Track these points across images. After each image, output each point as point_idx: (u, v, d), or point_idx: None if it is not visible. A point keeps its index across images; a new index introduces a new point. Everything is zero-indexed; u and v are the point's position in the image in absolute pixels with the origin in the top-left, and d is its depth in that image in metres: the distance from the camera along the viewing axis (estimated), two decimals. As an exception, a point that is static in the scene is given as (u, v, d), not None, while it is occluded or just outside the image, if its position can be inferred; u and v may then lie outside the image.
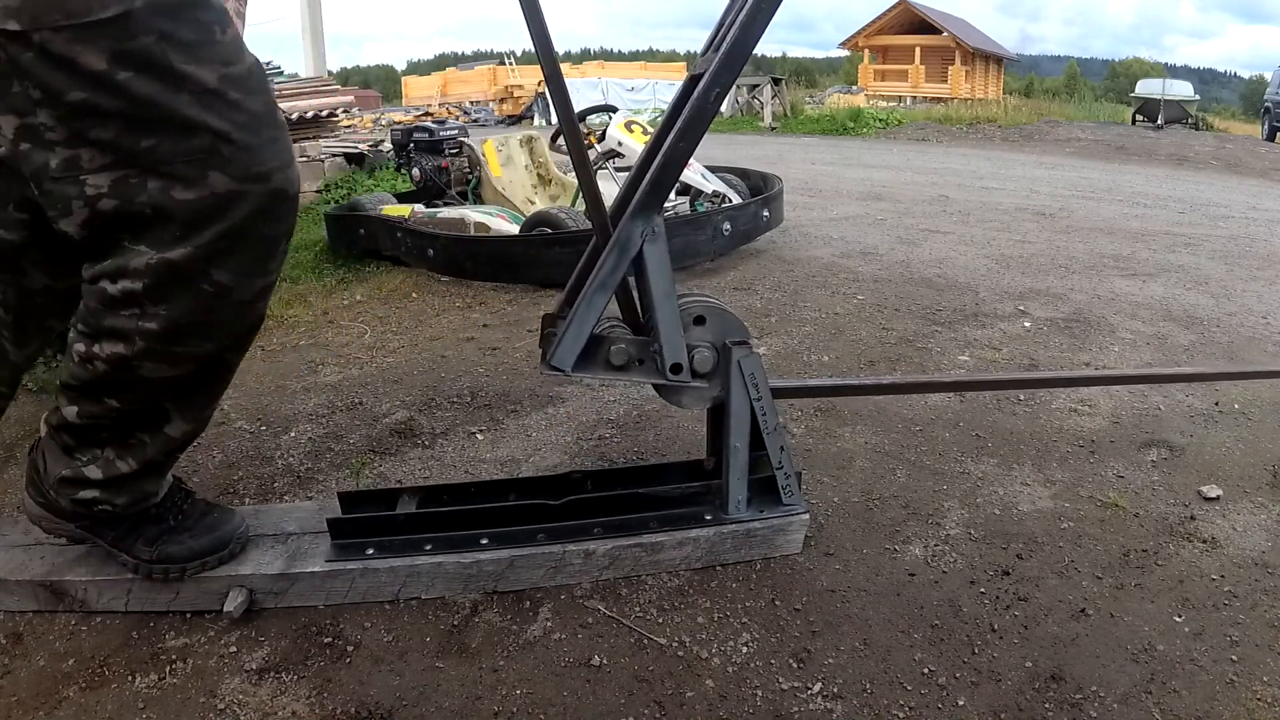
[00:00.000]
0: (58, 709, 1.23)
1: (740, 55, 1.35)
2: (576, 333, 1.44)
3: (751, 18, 1.33)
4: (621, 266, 1.42)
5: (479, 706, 1.21)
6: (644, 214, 1.41)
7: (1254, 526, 1.62)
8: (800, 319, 2.99)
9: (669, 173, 1.41)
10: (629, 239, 1.41)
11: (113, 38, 1.00)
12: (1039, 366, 2.51)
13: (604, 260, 1.42)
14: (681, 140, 1.39)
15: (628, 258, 1.42)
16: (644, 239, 1.41)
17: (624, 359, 1.48)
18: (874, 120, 13.48)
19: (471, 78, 23.69)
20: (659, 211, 1.42)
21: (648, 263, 1.42)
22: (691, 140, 1.39)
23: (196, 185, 1.08)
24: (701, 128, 1.39)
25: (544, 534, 1.48)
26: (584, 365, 1.47)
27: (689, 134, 1.39)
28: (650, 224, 1.41)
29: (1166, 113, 13.04)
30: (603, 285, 1.43)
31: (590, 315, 1.44)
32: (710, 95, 1.36)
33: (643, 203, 1.41)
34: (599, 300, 1.43)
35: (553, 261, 3.36)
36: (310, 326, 3.13)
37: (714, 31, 1.63)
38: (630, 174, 1.63)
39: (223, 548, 1.41)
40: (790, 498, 1.53)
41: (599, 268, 1.43)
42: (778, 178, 4.46)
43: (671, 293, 1.44)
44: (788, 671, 1.26)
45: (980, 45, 27.96)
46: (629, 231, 1.41)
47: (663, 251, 1.42)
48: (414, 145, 4.85)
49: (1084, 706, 1.19)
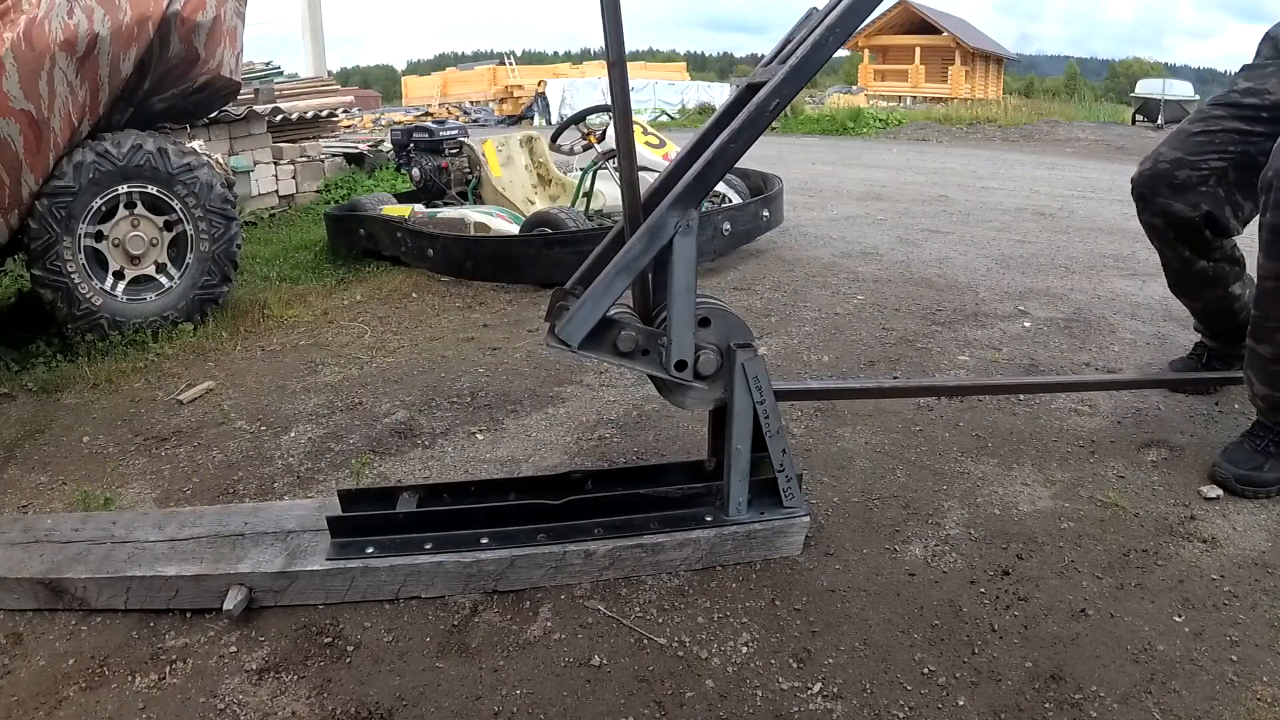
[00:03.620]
0: (58, 709, 1.23)
1: (807, 72, 1.41)
2: (590, 311, 1.43)
3: (823, 40, 1.39)
4: (649, 252, 1.42)
5: (479, 706, 1.21)
6: (682, 205, 1.41)
7: (1254, 526, 1.62)
8: (800, 319, 2.99)
9: (715, 170, 1.43)
10: (662, 226, 1.41)
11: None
12: (1039, 366, 2.51)
13: (632, 244, 1.42)
14: (733, 142, 1.42)
15: (657, 245, 1.42)
16: (677, 230, 1.41)
17: (631, 346, 1.47)
18: (874, 120, 13.46)
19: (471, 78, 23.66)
20: (697, 206, 1.43)
21: (675, 254, 1.42)
22: (743, 143, 1.42)
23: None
24: (755, 133, 1.42)
25: (544, 534, 1.48)
26: (590, 345, 1.46)
27: (742, 137, 1.42)
28: (686, 216, 1.41)
29: (1166, 113, 13.01)
30: (626, 268, 1.42)
31: (608, 296, 1.43)
32: (770, 104, 1.40)
33: (684, 194, 1.41)
34: (620, 282, 1.43)
35: (553, 261, 3.36)
36: (310, 326, 3.13)
37: (779, 45, 1.67)
38: (669, 167, 1.63)
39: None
40: (791, 500, 1.53)
41: (626, 250, 1.42)
42: (778, 178, 4.45)
43: (692, 289, 1.44)
44: (788, 671, 1.26)
45: (980, 45, 27.94)
46: (664, 219, 1.41)
47: (692, 246, 1.43)
48: (414, 145, 4.85)
49: (1084, 706, 1.18)
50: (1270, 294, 1.65)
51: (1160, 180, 1.93)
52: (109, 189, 2.84)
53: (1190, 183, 1.90)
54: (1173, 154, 1.93)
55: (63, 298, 2.81)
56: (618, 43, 1.38)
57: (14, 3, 2.62)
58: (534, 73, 23.11)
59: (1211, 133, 1.89)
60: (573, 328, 1.43)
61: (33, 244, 2.75)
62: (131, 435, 2.21)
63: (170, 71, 3.04)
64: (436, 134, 4.80)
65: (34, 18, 2.60)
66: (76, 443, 2.18)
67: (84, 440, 2.19)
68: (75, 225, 2.79)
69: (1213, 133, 1.89)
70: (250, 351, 2.87)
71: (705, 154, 1.44)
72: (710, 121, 1.64)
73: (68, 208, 2.76)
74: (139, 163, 2.87)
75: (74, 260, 2.81)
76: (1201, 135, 1.91)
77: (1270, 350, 1.67)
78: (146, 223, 2.97)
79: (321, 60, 10.19)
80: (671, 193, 1.43)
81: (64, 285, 2.80)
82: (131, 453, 2.11)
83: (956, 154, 9.74)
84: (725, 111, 1.62)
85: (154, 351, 2.84)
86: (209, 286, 3.09)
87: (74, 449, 2.14)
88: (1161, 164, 1.94)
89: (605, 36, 1.38)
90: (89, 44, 2.70)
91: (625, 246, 1.43)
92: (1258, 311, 1.70)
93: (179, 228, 3.03)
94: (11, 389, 2.56)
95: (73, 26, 2.66)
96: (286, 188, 5.79)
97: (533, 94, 20.18)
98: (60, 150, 2.74)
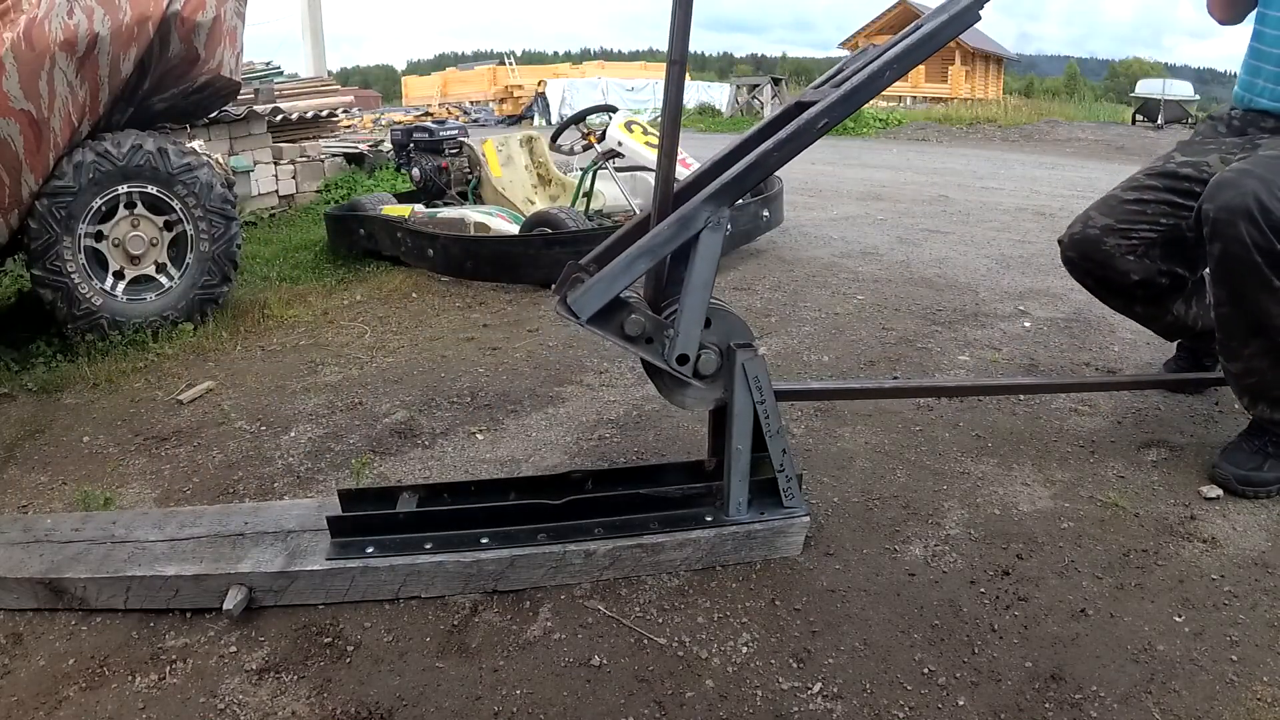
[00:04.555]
0: (58, 709, 1.23)
1: (860, 99, 1.47)
2: (606, 287, 1.43)
3: (880, 71, 1.45)
4: (676, 241, 1.43)
5: (479, 706, 1.21)
6: (716, 201, 1.43)
7: (1254, 526, 1.62)
8: (800, 319, 2.99)
9: (753, 175, 1.47)
10: (694, 217, 1.42)
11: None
12: (1039, 366, 2.51)
13: (661, 229, 1.43)
14: (776, 151, 1.45)
15: (686, 234, 1.43)
16: (707, 224, 1.43)
17: (637, 331, 1.47)
18: (874, 120, 13.47)
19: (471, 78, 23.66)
20: (730, 205, 1.44)
21: (700, 247, 1.43)
22: (786, 154, 1.46)
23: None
24: (800, 146, 1.46)
25: (545, 534, 1.48)
26: (598, 321, 1.46)
27: (786, 148, 1.46)
28: (719, 213, 1.43)
29: (1166, 113, 13.01)
30: (651, 252, 1.43)
31: (626, 276, 1.44)
32: (819, 123, 1.45)
33: (720, 191, 1.43)
34: (640, 264, 1.44)
35: (553, 261, 3.36)
36: (310, 326, 3.13)
37: (834, 71, 1.76)
38: (704, 166, 1.65)
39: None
40: (791, 500, 1.53)
41: (653, 234, 1.43)
42: (778, 178, 4.45)
43: (709, 285, 1.45)
44: (788, 671, 1.26)
45: (980, 45, 27.93)
46: (697, 211, 1.42)
47: (718, 243, 1.44)
48: (414, 145, 4.85)
49: (1084, 706, 1.18)
50: (1227, 319, 1.68)
51: (1089, 245, 1.91)
52: (109, 189, 2.84)
53: (1119, 251, 1.87)
54: (1102, 220, 1.90)
55: (63, 298, 2.81)
56: (683, 41, 1.40)
57: (14, 3, 2.62)
58: (534, 73, 23.12)
59: (1145, 202, 1.86)
60: (586, 300, 1.43)
61: (33, 244, 2.75)
62: (131, 435, 2.21)
63: (170, 71, 3.04)
64: (436, 134, 4.80)
65: (34, 18, 2.60)
66: (76, 443, 2.18)
67: (84, 440, 2.19)
68: (75, 225, 2.79)
69: (1146, 202, 1.86)
70: (250, 351, 2.87)
71: (747, 158, 1.46)
72: (753, 130, 1.68)
73: (68, 208, 2.76)
74: (139, 163, 2.87)
75: (74, 260, 2.81)
76: (1135, 204, 1.87)
77: (1240, 366, 1.71)
78: (146, 223, 2.97)
79: (321, 60, 10.19)
80: (709, 187, 1.44)
81: (64, 285, 2.80)
82: (131, 453, 2.11)
83: (956, 154, 9.75)
84: (770, 123, 1.65)
85: (154, 351, 2.84)
86: (209, 286, 3.09)
87: (74, 449, 2.14)
88: (1091, 229, 1.91)
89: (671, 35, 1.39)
90: (89, 44, 2.70)
91: (653, 231, 1.44)
92: (1220, 334, 1.72)
93: (179, 228, 3.03)
94: (11, 389, 2.56)
95: (73, 26, 2.66)
96: (286, 188, 5.79)
97: (533, 94, 20.19)
98: (60, 150, 2.74)
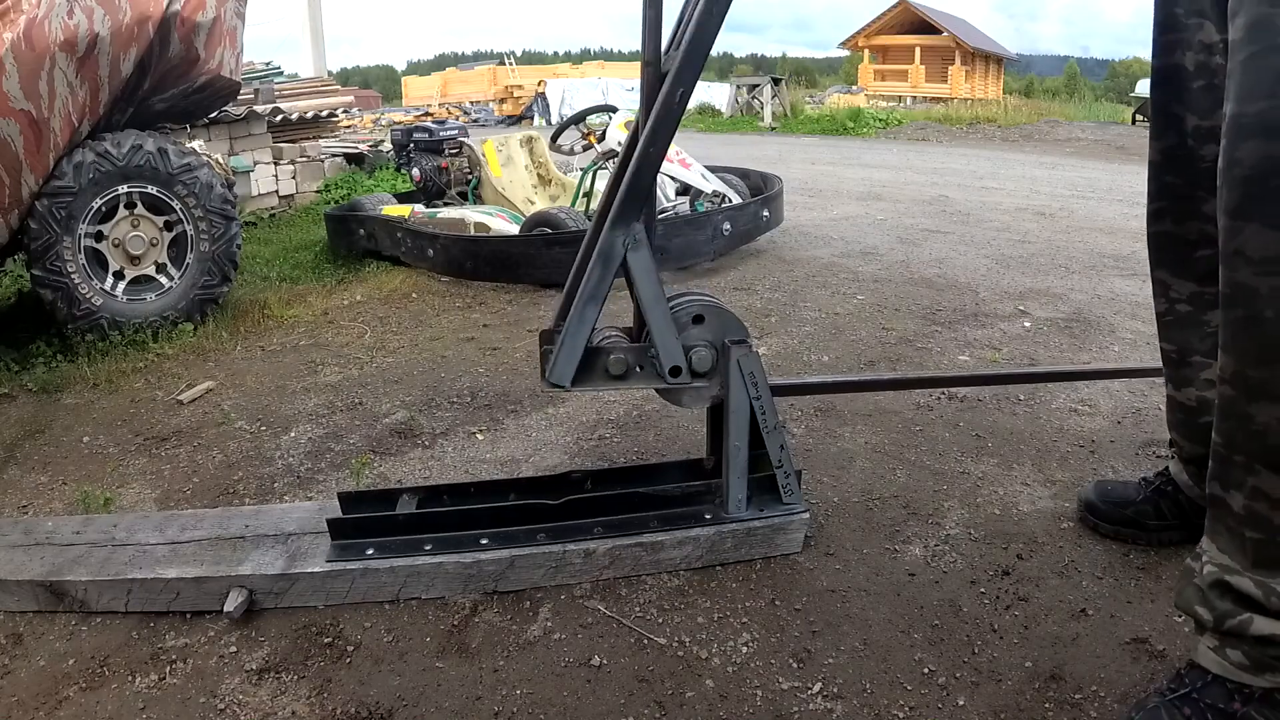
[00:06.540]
0: (58, 709, 1.23)
1: (699, 53, 1.31)
2: (571, 348, 1.43)
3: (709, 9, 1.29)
4: (607, 278, 1.41)
5: (479, 706, 1.21)
6: (623, 223, 1.39)
7: (1254, 526, 1.62)
8: (800, 319, 2.99)
9: (642, 179, 1.38)
10: (611, 249, 1.40)
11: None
12: (1039, 366, 2.51)
13: (590, 272, 1.41)
14: (651, 146, 1.36)
15: (612, 268, 1.41)
16: (626, 248, 1.40)
17: (622, 368, 1.48)
18: (874, 120, 13.47)
19: (471, 78, 23.67)
20: (638, 219, 1.40)
21: (633, 271, 1.41)
22: (661, 144, 1.36)
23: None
24: (670, 130, 1.36)
25: (544, 534, 1.48)
26: (583, 379, 1.46)
27: (658, 138, 1.36)
28: (630, 232, 1.39)
29: (1166, 113, 13.01)
30: (592, 297, 1.41)
31: (583, 329, 1.42)
32: (675, 96, 1.33)
33: (620, 212, 1.39)
34: (590, 313, 1.42)
35: (553, 261, 3.36)
36: (310, 326, 3.13)
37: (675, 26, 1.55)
38: (608, 183, 1.60)
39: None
40: (790, 496, 1.53)
41: (586, 279, 1.42)
42: (778, 178, 4.45)
43: (661, 297, 1.43)
44: (788, 671, 1.26)
45: (980, 45, 27.94)
46: (610, 242, 1.40)
47: (647, 258, 1.41)
48: (414, 145, 4.85)
49: (1084, 706, 1.18)
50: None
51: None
52: (109, 189, 2.85)
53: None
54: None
55: (63, 298, 2.81)
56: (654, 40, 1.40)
57: (14, 3, 2.62)
58: (534, 73, 23.12)
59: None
60: (560, 369, 1.43)
61: (33, 244, 2.76)
62: (131, 435, 2.21)
63: (170, 72, 3.04)
64: (436, 134, 4.81)
65: (34, 18, 2.60)
66: (76, 443, 2.18)
67: (84, 440, 2.19)
68: (75, 225, 2.80)
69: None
70: (250, 351, 2.87)
71: (630, 165, 1.40)
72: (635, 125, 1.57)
73: (68, 208, 2.76)
74: (139, 163, 2.87)
75: (74, 260, 2.81)
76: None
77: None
78: (146, 223, 2.97)
79: (321, 60, 10.19)
80: (610, 213, 1.41)
81: (64, 285, 2.80)
82: (131, 453, 2.11)
83: (956, 154, 9.74)
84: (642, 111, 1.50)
85: (154, 351, 2.84)
86: (209, 286, 3.10)
87: (74, 449, 2.14)
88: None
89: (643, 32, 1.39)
90: (89, 44, 2.70)
91: (585, 276, 1.42)
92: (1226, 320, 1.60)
93: (179, 228, 3.03)
94: (11, 389, 2.56)
95: (73, 26, 2.66)
96: (286, 188, 5.80)
97: (533, 94, 20.19)
98: (60, 150, 2.75)
